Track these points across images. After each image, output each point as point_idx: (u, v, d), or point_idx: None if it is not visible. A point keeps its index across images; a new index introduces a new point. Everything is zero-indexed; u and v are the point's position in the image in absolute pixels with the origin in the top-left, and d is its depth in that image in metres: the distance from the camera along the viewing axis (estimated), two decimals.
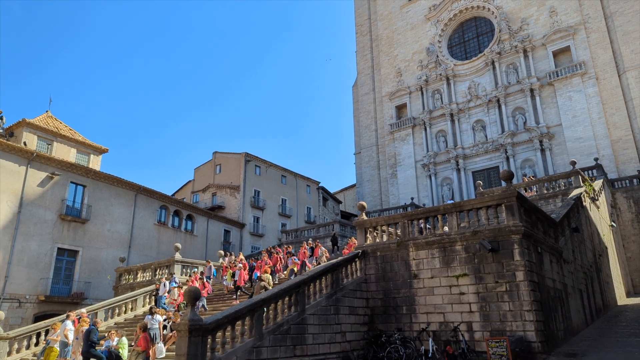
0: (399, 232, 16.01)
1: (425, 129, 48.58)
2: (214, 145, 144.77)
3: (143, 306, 20.36)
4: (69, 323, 13.08)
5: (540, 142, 40.84)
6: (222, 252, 26.45)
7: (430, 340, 12.90)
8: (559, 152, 40.06)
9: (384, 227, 16.56)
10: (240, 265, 19.33)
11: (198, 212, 38.95)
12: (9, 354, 16.09)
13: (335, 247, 25.47)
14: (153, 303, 19.47)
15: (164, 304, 18.06)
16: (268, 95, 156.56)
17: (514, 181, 23.71)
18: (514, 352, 11.55)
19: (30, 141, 29.58)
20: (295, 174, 52.63)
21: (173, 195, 46.97)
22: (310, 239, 25.58)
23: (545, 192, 24.80)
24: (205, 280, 18.95)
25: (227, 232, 41.63)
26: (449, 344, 12.94)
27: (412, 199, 44.15)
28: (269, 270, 17.88)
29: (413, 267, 14.94)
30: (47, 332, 17.10)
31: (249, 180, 46.24)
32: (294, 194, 51.67)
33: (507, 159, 42.21)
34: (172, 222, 35.73)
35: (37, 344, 16.66)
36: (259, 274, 19.64)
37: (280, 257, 21.04)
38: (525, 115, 42.69)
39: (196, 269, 23.40)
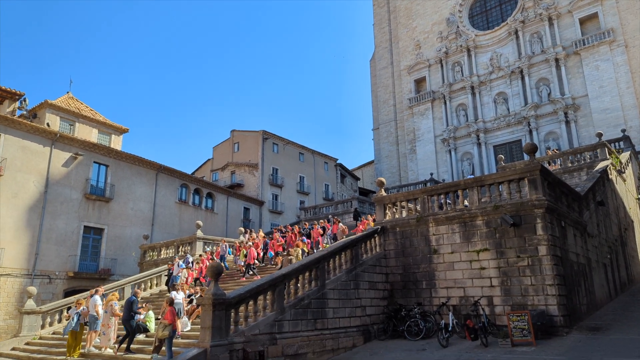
0: (418, 207, 15.93)
1: (445, 103, 47.60)
2: (231, 123, 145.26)
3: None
4: (97, 298, 13.56)
5: (565, 113, 39.61)
6: (242, 229, 26.85)
7: (451, 314, 12.94)
8: (585, 124, 38.82)
9: (404, 203, 16.51)
10: (251, 244, 19.58)
11: (218, 190, 39.41)
12: (42, 327, 16.90)
13: (358, 222, 25.40)
14: (164, 284, 19.78)
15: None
16: (285, 72, 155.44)
17: (537, 154, 23.09)
18: (535, 325, 11.51)
19: (53, 122, 30.15)
20: (312, 151, 52.55)
21: (193, 173, 47.60)
22: (330, 216, 25.70)
23: (570, 165, 24.20)
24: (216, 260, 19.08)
25: (246, 209, 42.12)
26: (469, 317, 12.96)
27: (431, 174, 43.67)
28: (300, 244, 18.14)
29: (433, 243, 14.90)
30: (68, 309, 17.74)
31: (267, 158, 46.41)
32: (312, 171, 51.72)
33: (530, 132, 41.17)
34: (193, 201, 36.28)
35: (60, 320, 17.41)
36: (273, 253, 19.88)
37: (293, 235, 21.14)
38: (549, 86, 41.33)
39: (208, 249, 23.70)
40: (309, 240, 19.70)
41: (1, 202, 23.80)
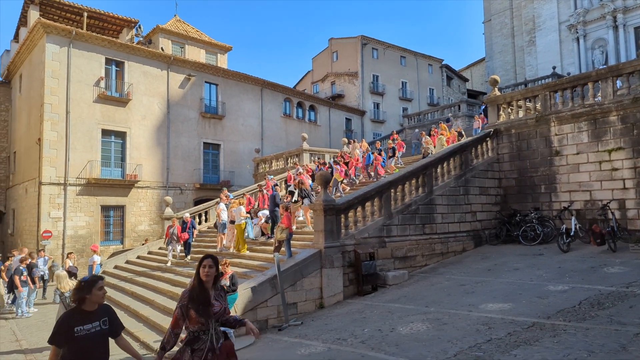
0: (538, 106, 14.41)
1: None
2: (329, 32, 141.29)
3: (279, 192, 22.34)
4: (223, 205, 15.46)
5: None
6: (345, 140, 27.09)
7: (573, 218, 12.04)
8: None
9: (520, 102, 15.07)
10: (302, 170, 19.07)
11: (319, 103, 39.68)
12: None
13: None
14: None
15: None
16: None
17: None
18: None
19: (166, 46, 32.06)
20: (415, 53, 49.31)
21: (294, 87, 48.22)
22: (395, 133, 24.27)
23: None
24: (264, 192, 18.72)
25: (348, 120, 42.11)
26: (596, 222, 11.97)
27: (554, 68, 38.54)
28: (429, 136, 19.02)
29: (555, 144, 13.59)
30: (206, 213, 20.22)
31: (366, 65, 44.81)
32: (415, 75, 49.00)
33: None
34: (297, 114, 37.17)
35: (199, 223, 19.86)
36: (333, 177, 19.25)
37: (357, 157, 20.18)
38: None
39: (264, 181, 22.41)
40: (343, 168, 18.59)
41: (134, 124, 26.83)
